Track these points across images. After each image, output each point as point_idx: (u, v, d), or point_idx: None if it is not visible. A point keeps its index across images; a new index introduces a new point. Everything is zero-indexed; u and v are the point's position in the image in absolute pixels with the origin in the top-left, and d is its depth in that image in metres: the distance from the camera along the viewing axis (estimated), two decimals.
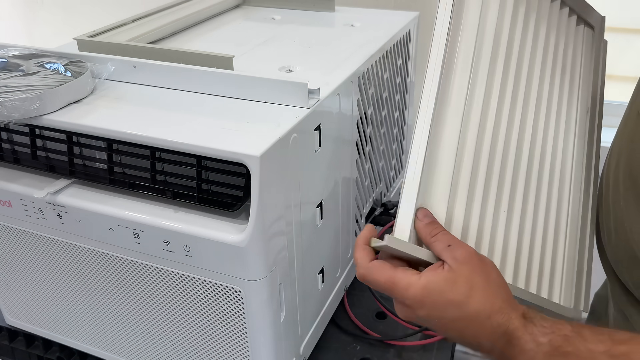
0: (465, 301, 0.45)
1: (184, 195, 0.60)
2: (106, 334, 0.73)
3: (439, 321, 0.47)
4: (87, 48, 0.75)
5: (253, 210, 0.54)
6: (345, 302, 0.85)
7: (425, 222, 0.49)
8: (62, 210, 0.64)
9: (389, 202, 0.95)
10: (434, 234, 0.49)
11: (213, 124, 0.59)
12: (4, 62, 0.68)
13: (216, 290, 0.60)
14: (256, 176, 0.53)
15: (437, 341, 0.79)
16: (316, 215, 0.69)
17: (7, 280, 0.76)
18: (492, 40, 0.57)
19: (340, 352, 0.78)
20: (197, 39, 0.88)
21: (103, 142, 0.62)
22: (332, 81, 0.68)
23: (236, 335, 0.62)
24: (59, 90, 0.62)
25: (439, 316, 0.46)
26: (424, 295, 0.46)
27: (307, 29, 0.93)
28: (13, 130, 0.68)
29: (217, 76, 0.65)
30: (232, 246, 0.56)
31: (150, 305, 0.66)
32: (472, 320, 0.45)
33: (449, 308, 0.46)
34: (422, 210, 0.50)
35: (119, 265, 0.64)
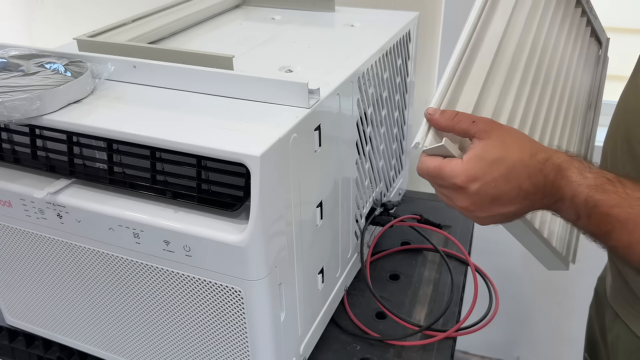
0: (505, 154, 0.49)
1: (184, 195, 0.60)
2: (106, 334, 0.73)
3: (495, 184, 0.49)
4: (87, 48, 0.75)
5: (253, 210, 0.54)
6: (345, 302, 0.85)
7: (439, 113, 0.52)
8: (62, 210, 0.64)
9: (389, 202, 0.96)
10: (453, 117, 0.52)
11: (213, 124, 0.59)
12: (4, 62, 0.68)
13: (216, 290, 0.60)
14: (256, 176, 0.53)
15: (437, 341, 0.79)
16: (316, 215, 0.69)
17: (7, 280, 0.76)
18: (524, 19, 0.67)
19: (340, 352, 0.78)
20: (197, 39, 0.88)
21: (103, 142, 0.62)
22: (332, 81, 0.68)
23: (236, 335, 0.62)
24: (59, 90, 0.62)
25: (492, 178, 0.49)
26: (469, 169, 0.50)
27: (307, 29, 0.93)
28: (13, 130, 0.68)
29: (217, 76, 0.65)
30: (232, 246, 0.56)
31: (150, 305, 0.66)
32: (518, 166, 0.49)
33: (494, 167, 0.49)
34: (429, 109, 0.53)
35: (119, 265, 0.64)
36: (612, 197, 0.48)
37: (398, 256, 0.96)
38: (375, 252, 0.95)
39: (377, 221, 0.93)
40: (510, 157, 0.49)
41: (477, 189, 0.50)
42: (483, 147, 0.50)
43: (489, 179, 0.49)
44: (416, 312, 0.84)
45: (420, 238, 0.97)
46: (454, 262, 0.94)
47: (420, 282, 0.90)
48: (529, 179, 0.50)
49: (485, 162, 0.49)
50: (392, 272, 0.92)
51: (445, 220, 1.01)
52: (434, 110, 0.54)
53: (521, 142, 0.50)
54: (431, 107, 0.54)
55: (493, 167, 0.49)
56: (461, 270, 0.92)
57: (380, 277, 0.91)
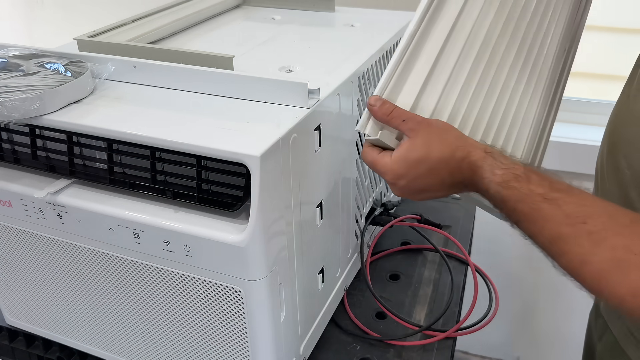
0: (427, 154, 0.55)
1: (184, 195, 0.60)
2: (106, 334, 0.73)
3: (419, 180, 0.56)
4: (87, 48, 0.75)
5: (253, 210, 0.54)
6: (345, 302, 0.85)
7: (378, 105, 0.57)
8: (62, 210, 0.64)
9: (389, 202, 0.96)
10: (388, 113, 0.57)
11: (213, 124, 0.59)
12: (4, 62, 0.68)
13: (216, 290, 0.60)
14: (256, 176, 0.53)
15: (437, 341, 0.79)
16: (316, 215, 0.69)
17: (7, 280, 0.76)
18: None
19: (340, 352, 0.78)
20: (197, 39, 0.88)
21: (103, 142, 0.62)
22: (332, 81, 0.68)
23: (236, 335, 0.62)
24: (59, 90, 0.62)
25: (416, 176, 0.56)
26: (395, 169, 0.56)
27: (307, 29, 0.93)
28: (13, 130, 0.68)
29: (217, 76, 0.65)
30: (232, 246, 0.56)
31: (151, 305, 0.66)
32: (440, 165, 0.55)
33: (417, 167, 0.56)
34: (372, 97, 0.58)
35: (119, 265, 0.65)
36: (516, 194, 0.52)
37: (398, 256, 0.96)
38: (375, 252, 0.95)
39: (377, 221, 0.93)
40: (432, 157, 0.55)
41: (405, 184, 0.57)
42: (408, 147, 0.56)
43: (413, 177, 0.56)
44: (416, 312, 0.84)
45: (420, 238, 0.97)
46: (454, 262, 0.94)
47: (420, 282, 0.90)
48: (450, 175, 0.56)
49: (409, 162, 0.56)
50: (392, 272, 0.92)
51: (445, 220, 1.01)
52: (375, 100, 0.58)
53: (444, 142, 0.55)
54: (374, 96, 0.58)
55: (416, 167, 0.56)
56: (461, 270, 0.92)
57: (380, 277, 0.91)
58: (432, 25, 0.60)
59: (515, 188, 0.52)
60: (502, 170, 0.53)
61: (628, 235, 0.47)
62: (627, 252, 0.47)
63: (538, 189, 0.51)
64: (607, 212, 0.49)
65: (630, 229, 0.48)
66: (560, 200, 0.50)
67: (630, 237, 0.47)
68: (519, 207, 0.52)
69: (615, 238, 0.48)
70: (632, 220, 0.48)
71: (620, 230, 0.48)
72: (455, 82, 0.62)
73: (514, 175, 0.53)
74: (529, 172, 0.53)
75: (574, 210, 0.50)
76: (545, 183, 0.52)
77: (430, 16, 0.59)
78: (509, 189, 0.52)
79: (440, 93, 0.61)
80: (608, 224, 0.48)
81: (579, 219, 0.49)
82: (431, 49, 0.60)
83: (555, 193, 0.51)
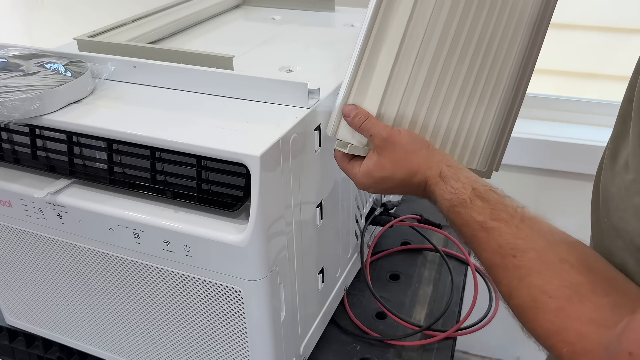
0: (392, 175, 0.61)
1: (184, 195, 0.60)
2: (106, 334, 0.73)
3: (385, 190, 0.64)
4: (87, 48, 0.75)
5: (253, 210, 0.54)
6: (345, 302, 0.85)
7: (352, 115, 0.61)
8: (62, 210, 0.64)
9: (389, 201, 0.96)
10: (359, 125, 0.61)
11: (213, 124, 0.59)
12: (4, 62, 0.68)
13: (216, 290, 0.60)
14: (256, 176, 0.53)
15: (437, 341, 0.79)
16: (316, 215, 0.69)
17: (7, 280, 0.76)
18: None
19: (340, 352, 0.78)
20: (197, 39, 0.88)
21: (103, 142, 0.62)
22: (332, 81, 0.68)
23: (236, 335, 0.62)
24: (59, 90, 0.62)
25: (382, 188, 0.63)
26: (364, 180, 0.62)
27: (307, 29, 0.93)
28: (13, 130, 0.68)
29: (217, 76, 0.65)
30: (232, 246, 0.56)
31: (150, 305, 0.66)
32: (403, 184, 0.61)
33: (384, 182, 0.62)
34: (346, 107, 0.62)
35: (119, 265, 0.64)
36: (459, 219, 0.55)
37: (398, 256, 0.96)
38: (375, 252, 0.95)
39: (377, 221, 0.93)
40: (395, 177, 0.61)
41: (372, 191, 0.65)
42: (375, 164, 0.61)
43: (379, 188, 0.63)
44: (416, 312, 0.84)
45: (420, 238, 0.97)
46: (454, 262, 0.94)
47: (420, 282, 0.90)
48: (411, 191, 0.62)
49: (374, 178, 0.61)
50: (392, 272, 0.92)
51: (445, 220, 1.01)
52: (349, 111, 0.61)
53: (406, 166, 0.60)
54: (349, 106, 0.61)
55: (381, 183, 0.62)
56: (461, 270, 0.92)
57: (380, 277, 0.91)
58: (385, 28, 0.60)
59: (459, 213, 0.55)
60: (451, 195, 0.56)
61: (548, 276, 0.47)
62: (541, 293, 0.47)
63: (478, 217, 0.53)
64: (537, 247, 0.49)
65: (553, 269, 0.48)
66: (496, 230, 0.52)
67: (549, 278, 0.47)
68: (462, 230, 0.55)
69: (535, 277, 0.48)
70: (560, 259, 0.48)
71: (542, 269, 0.48)
72: (413, 89, 0.63)
73: (460, 201, 0.55)
74: (475, 198, 0.55)
75: (507, 242, 0.51)
76: (486, 211, 0.53)
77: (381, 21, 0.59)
78: (454, 213, 0.56)
79: (400, 101, 0.63)
80: (533, 261, 0.49)
81: (510, 251, 0.50)
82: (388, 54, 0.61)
83: (494, 222, 0.52)
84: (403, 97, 0.63)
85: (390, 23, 0.60)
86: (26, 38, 1.69)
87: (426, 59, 0.63)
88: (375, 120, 0.62)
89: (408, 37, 0.61)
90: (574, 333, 0.44)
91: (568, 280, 0.47)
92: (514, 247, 0.50)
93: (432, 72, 0.64)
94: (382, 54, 0.60)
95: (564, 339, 0.45)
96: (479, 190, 0.55)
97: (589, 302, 0.45)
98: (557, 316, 0.46)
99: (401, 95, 0.63)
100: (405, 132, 0.62)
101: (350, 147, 0.62)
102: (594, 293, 0.45)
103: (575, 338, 0.44)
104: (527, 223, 0.51)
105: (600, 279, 0.46)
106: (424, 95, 0.64)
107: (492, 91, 0.69)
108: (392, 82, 0.62)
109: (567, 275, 0.47)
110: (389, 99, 0.63)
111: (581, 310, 0.45)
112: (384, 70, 0.61)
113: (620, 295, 0.45)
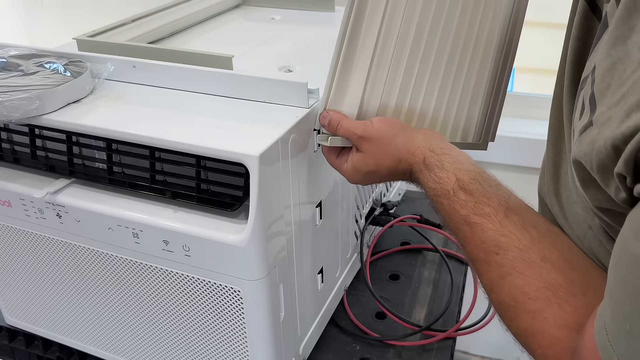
0: (377, 167, 0.61)
1: (184, 195, 0.60)
2: (106, 334, 0.73)
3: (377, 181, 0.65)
4: (86, 48, 0.75)
5: (252, 210, 0.54)
6: (345, 302, 0.85)
7: (326, 124, 0.62)
8: (62, 210, 0.64)
9: (389, 202, 0.96)
10: (334, 130, 0.61)
11: (213, 124, 0.59)
12: (4, 62, 0.68)
13: (215, 290, 0.60)
14: (255, 176, 0.53)
15: (437, 341, 0.79)
16: (316, 215, 0.69)
17: (7, 280, 0.76)
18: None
19: (340, 352, 0.78)
20: (197, 39, 0.88)
21: (102, 142, 0.62)
22: None
23: (235, 335, 0.62)
24: (59, 90, 0.62)
25: (373, 180, 0.63)
26: (353, 175, 0.63)
27: (307, 29, 0.93)
28: (13, 130, 0.68)
29: (216, 76, 0.65)
30: (231, 246, 0.56)
31: (150, 305, 0.66)
32: (390, 173, 0.61)
33: (373, 174, 0.62)
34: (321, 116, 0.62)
35: (118, 265, 0.64)
36: (443, 210, 0.55)
37: (398, 256, 0.96)
38: (375, 252, 0.95)
39: (377, 221, 0.93)
40: (381, 169, 0.61)
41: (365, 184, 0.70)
42: (359, 160, 0.61)
43: (371, 181, 0.64)
44: (416, 312, 0.84)
45: (420, 238, 0.97)
46: (453, 262, 0.94)
47: (420, 282, 0.90)
48: (398, 177, 0.62)
49: (362, 173, 0.62)
50: (392, 272, 0.92)
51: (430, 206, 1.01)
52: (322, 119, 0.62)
53: (389, 155, 0.60)
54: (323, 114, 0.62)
55: (369, 176, 0.62)
56: (461, 270, 0.92)
57: (380, 277, 0.91)
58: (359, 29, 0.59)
59: (443, 204, 0.54)
60: (435, 184, 0.55)
61: (529, 276, 0.47)
62: (522, 294, 0.47)
63: (461, 211, 0.52)
64: (520, 245, 0.49)
65: (535, 269, 0.48)
66: (479, 226, 0.51)
67: (530, 278, 0.47)
68: (446, 221, 0.55)
69: (516, 277, 0.48)
70: (542, 258, 0.48)
71: (523, 269, 0.48)
72: (395, 79, 0.63)
73: (444, 192, 0.54)
74: (458, 191, 0.54)
75: (490, 238, 0.50)
76: (469, 204, 0.52)
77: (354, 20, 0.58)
78: (439, 204, 0.55)
79: (381, 93, 0.63)
80: (515, 260, 0.48)
81: (493, 248, 0.50)
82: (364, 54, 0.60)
83: (477, 217, 0.51)
84: (384, 89, 0.63)
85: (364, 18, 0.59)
86: (26, 38, 1.69)
87: (405, 48, 0.62)
88: (348, 120, 0.61)
89: (385, 28, 0.60)
90: (548, 337, 0.45)
91: (548, 281, 0.47)
92: (496, 244, 0.50)
93: (413, 59, 0.63)
94: (358, 52, 0.60)
95: (538, 342, 0.46)
96: (463, 181, 0.54)
97: (567, 304, 0.45)
98: (534, 318, 0.46)
99: (382, 88, 0.63)
100: (378, 121, 0.61)
101: (330, 139, 0.62)
102: (572, 295, 0.46)
103: (549, 342, 0.45)
104: (511, 217, 0.51)
105: (580, 277, 0.47)
106: (406, 82, 0.64)
107: (478, 66, 0.68)
108: (372, 76, 0.62)
109: (548, 275, 0.47)
110: (370, 93, 0.62)
111: (558, 314, 0.46)
112: (362, 66, 0.61)
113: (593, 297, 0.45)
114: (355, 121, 0.61)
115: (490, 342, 1.61)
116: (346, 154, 0.63)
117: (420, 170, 0.57)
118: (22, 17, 1.66)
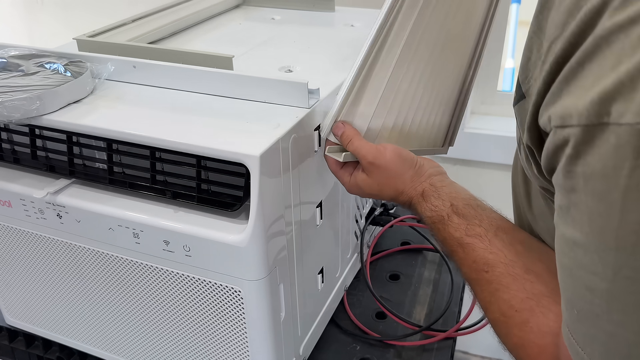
0: (379, 193, 0.63)
1: (184, 195, 0.60)
2: (106, 334, 0.73)
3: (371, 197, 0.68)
4: (87, 48, 0.75)
5: (253, 210, 0.54)
6: (345, 302, 0.85)
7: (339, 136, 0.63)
8: (62, 210, 0.64)
9: (389, 202, 0.96)
10: (345, 146, 0.63)
11: (213, 124, 0.59)
12: (4, 62, 0.68)
13: (216, 290, 0.60)
14: (256, 176, 0.53)
15: (437, 341, 0.79)
16: (316, 215, 0.69)
17: (7, 280, 0.76)
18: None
19: (340, 352, 0.78)
20: (197, 39, 0.88)
21: (103, 142, 0.62)
22: (332, 81, 0.68)
23: (236, 335, 0.62)
24: (59, 90, 0.62)
25: (368, 196, 0.65)
26: (354, 190, 0.64)
27: (307, 29, 0.93)
28: (13, 130, 0.68)
29: (217, 76, 0.65)
30: (231, 246, 0.56)
31: (150, 305, 0.66)
32: (389, 199, 0.64)
33: (373, 196, 0.64)
34: (335, 126, 0.63)
35: (118, 265, 0.64)
36: (439, 235, 0.57)
37: (398, 256, 0.96)
38: (375, 252, 0.95)
39: (377, 221, 0.93)
40: (382, 195, 0.63)
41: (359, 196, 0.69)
42: (363, 181, 0.63)
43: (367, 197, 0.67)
44: (416, 312, 0.84)
45: (420, 238, 0.97)
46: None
47: (420, 282, 0.90)
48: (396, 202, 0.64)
49: (363, 192, 0.64)
50: (392, 272, 0.92)
51: None
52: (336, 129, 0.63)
53: (392, 186, 0.62)
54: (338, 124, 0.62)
55: (369, 196, 0.64)
56: None
57: (380, 277, 0.91)
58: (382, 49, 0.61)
59: (439, 230, 0.57)
60: (431, 212, 0.59)
61: (514, 290, 0.49)
62: (509, 307, 0.49)
63: (455, 233, 0.55)
64: (506, 260, 0.51)
65: (519, 282, 0.49)
66: (471, 246, 0.53)
67: (515, 291, 0.49)
68: (444, 246, 0.58)
69: (503, 292, 0.50)
70: (526, 270, 0.50)
71: (509, 283, 0.50)
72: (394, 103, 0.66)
73: (439, 218, 0.57)
74: (452, 215, 0.56)
75: (480, 257, 0.52)
76: (462, 227, 0.55)
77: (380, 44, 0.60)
78: (435, 229, 0.58)
79: (385, 114, 0.65)
80: (502, 276, 0.50)
81: (482, 266, 0.52)
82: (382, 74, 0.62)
83: (469, 238, 0.54)
84: (388, 111, 0.65)
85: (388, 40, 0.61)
86: (26, 38, 1.69)
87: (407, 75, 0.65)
88: (361, 141, 0.62)
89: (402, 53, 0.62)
90: (536, 346, 0.47)
91: (532, 291, 0.48)
92: (485, 262, 0.52)
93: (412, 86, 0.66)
94: (376, 70, 0.62)
95: (527, 353, 0.48)
96: (457, 207, 0.57)
97: (550, 312, 0.46)
98: (521, 329, 0.48)
99: (387, 110, 0.65)
100: (391, 152, 0.62)
101: (344, 155, 0.63)
102: (555, 302, 0.46)
103: (536, 351, 0.47)
104: (500, 236, 0.53)
105: None
106: (404, 105, 0.67)
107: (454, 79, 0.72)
108: (382, 100, 0.64)
109: (532, 286, 0.48)
110: (377, 114, 0.64)
111: (542, 322, 0.47)
112: (378, 85, 0.63)
113: None
114: (367, 143, 0.62)
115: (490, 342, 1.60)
116: (351, 168, 0.64)
117: (419, 202, 0.61)
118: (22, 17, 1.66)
